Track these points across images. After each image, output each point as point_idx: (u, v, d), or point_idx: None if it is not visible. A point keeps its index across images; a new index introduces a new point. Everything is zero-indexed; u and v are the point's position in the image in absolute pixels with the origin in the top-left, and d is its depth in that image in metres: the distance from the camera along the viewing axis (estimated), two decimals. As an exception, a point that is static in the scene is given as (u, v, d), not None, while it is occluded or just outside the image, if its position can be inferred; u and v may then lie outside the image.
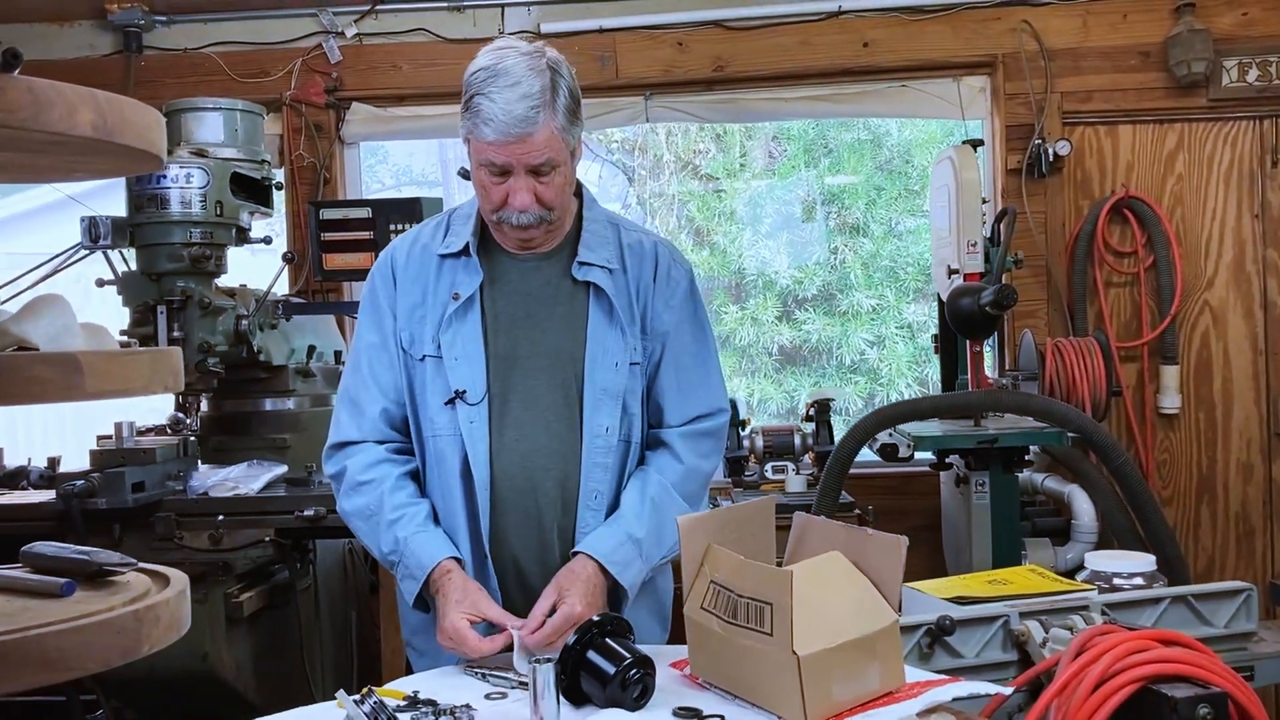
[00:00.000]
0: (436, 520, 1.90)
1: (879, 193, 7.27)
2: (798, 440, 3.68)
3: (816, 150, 7.41)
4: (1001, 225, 3.32)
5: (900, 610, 1.59)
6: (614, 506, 1.94)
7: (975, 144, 3.39)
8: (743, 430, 3.71)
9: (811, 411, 3.70)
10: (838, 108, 4.03)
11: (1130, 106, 3.88)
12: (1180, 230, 3.92)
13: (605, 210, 2.02)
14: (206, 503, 2.84)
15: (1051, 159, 3.76)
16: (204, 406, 3.32)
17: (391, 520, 1.84)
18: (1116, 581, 2.22)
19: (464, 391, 1.85)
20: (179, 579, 0.92)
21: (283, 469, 3.03)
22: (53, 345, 0.79)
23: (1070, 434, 3.07)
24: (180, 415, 3.25)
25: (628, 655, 1.59)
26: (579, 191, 1.99)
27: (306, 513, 2.79)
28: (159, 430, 3.34)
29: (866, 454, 3.50)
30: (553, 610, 1.77)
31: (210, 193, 2.92)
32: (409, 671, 1.99)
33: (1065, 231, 3.91)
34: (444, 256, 1.91)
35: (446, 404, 1.86)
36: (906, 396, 7.22)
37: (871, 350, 7.25)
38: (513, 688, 1.68)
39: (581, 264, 1.92)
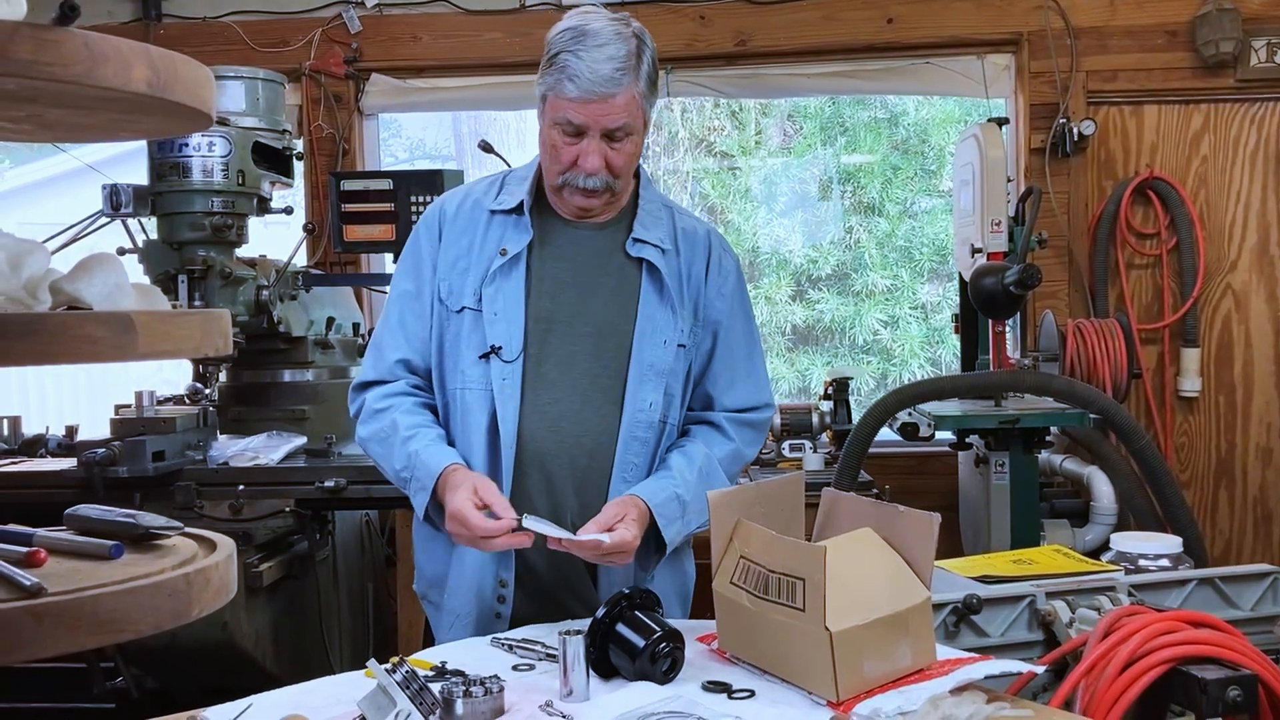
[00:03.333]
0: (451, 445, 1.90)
1: (895, 172, 7.23)
2: (815, 419, 3.67)
3: (833, 129, 7.36)
4: (1026, 204, 3.29)
5: (931, 588, 1.58)
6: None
7: (1000, 122, 3.36)
8: (760, 408, 3.69)
9: (830, 390, 3.69)
10: (860, 84, 4.00)
11: (1156, 86, 3.84)
12: (1204, 212, 3.89)
13: (660, 194, 2.02)
14: (227, 472, 2.84)
15: (1076, 139, 3.72)
16: (222, 377, 3.32)
17: (405, 438, 1.83)
18: (1142, 563, 2.21)
19: (500, 347, 1.84)
20: (225, 544, 0.91)
21: (302, 440, 3.03)
22: (105, 304, 0.78)
23: (1092, 415, 3.05)
24: (199, 385, 3.25)
25: (657, 629, 1.58)
26: (636, 171, 1.97)
27: (327, 484, 2.79)
28: (177, 400, 3.34)
29: (883, 433, 3.49)
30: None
31: (232, 162, 2.91)
32: (427, 625, 2.02)
33: (1088, 212, 3.88)
34: (495, 213, 1.89)
35: (481, 358, 1.85)
36: (919, 377, 7.21)
37: (885, 330, 7.23)
38: (540, 659, 1.68)
39: (637, 240, 1.91)
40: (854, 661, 1.47)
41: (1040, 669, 1.56)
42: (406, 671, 1.44)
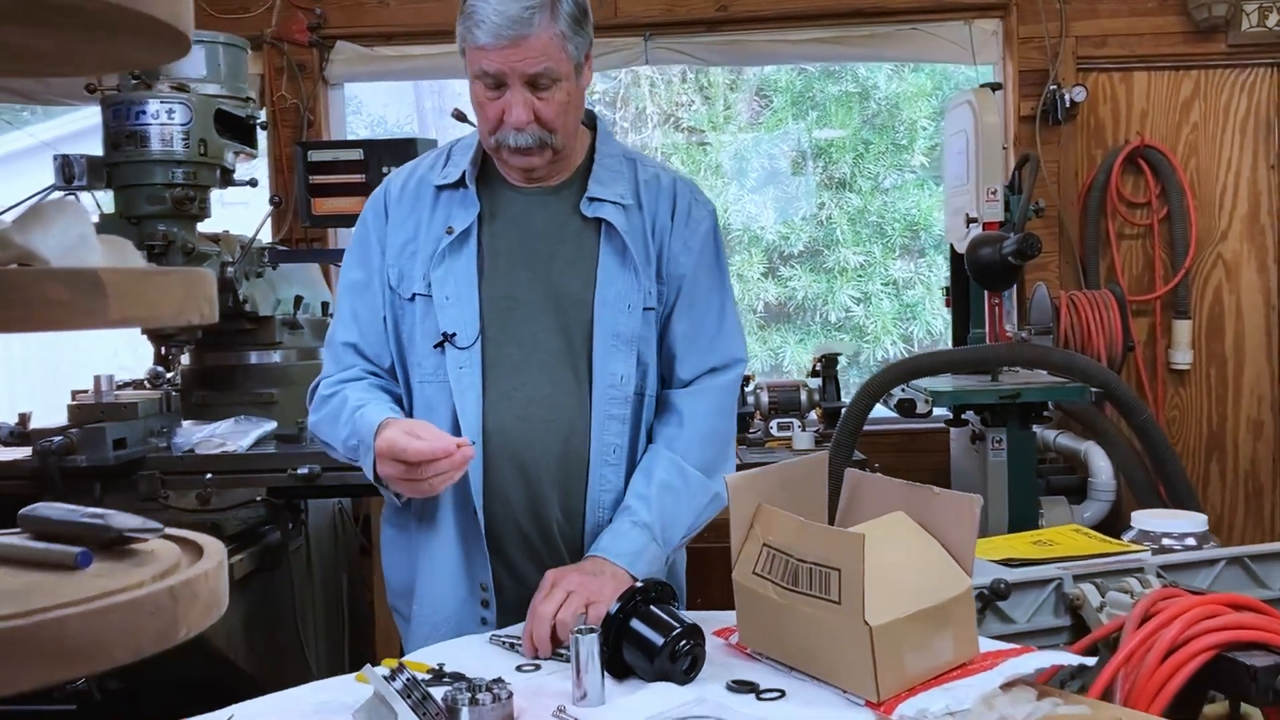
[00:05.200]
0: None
1: (866, 147, 7.15)
2: (804, 396, 3.55)
3: (804, 103, 7.26)
4: (1022, 172, 3.19)
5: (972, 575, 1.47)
6: (633, 465, 1.80)
7: (994, 87, 3.25)
8: (747, 386, 3.58)
9: (818, 367, 3.58)
10: (844, 50, 3.88)
11: (1147, 51, 3.75)
12: (1195, 181, 3.81)
13: (622, 145, 1.86)
14: (194, 460, 2.68)
15: (1068, 106, 3.62)
16: (185, 360, 3.14)
17: (354, 409, 1.69)
18: (1166, 542, 2.11)
19: (453, 334, 1.70)
20: (214, 548, 0.77)
21: (271, 425, 2.87)
22: (67, 260, 0.63)
23: (1093, 390, 2.96)
24: (160, 369, 3.08)
25: (676, 624, 1.46)
26: (593, 123, 1.83)
27: (300, 471, 2.63)
28: (137, 385, 3.17)
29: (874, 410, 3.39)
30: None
31: (193, 130, 2.73)
32: (400, 638, 1.87)
33: (1078, 181, 3.79)
34: (440, 188, 1.75)
35: (435, 347, 1.71)
36: (892, 354, 7.14)
37: (857, 307, 7.15)
38: (547, 658, 1.55)
39: (591, 199, 1.76)
40: (895, 658, 1.35)
41: (1091, 661, 1.45)
42: (407, 679, 1.30)
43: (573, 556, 1.76)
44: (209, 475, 2.64)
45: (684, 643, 1.44)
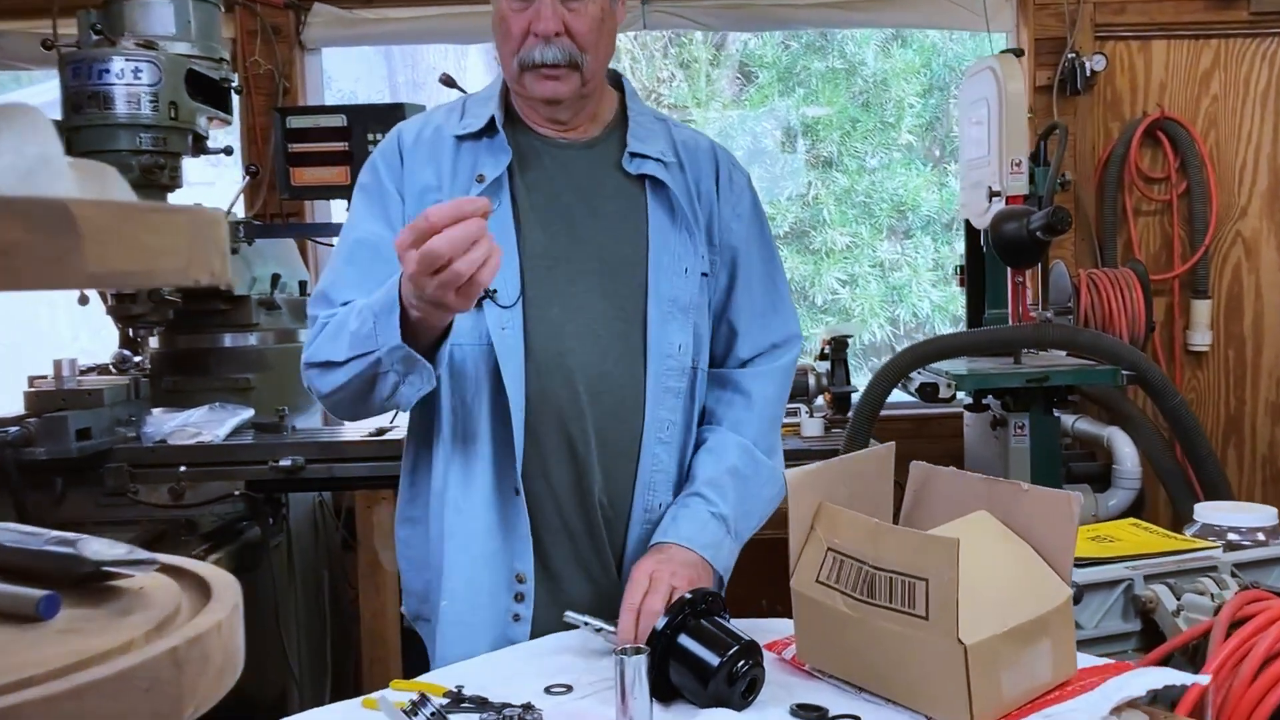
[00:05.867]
0: None
1: (854, 125, 6.99)
2: (812, 380, 3.37)
3: (789, 79, 7.10)
4: (1048, 142, 3.03)
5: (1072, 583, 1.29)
6: (685, 446, 1.64)
7: (1016, 53, 3.07)
8: (750, 369, 3.40)
9: (827, 349, 3.40)
10: (854, 15, 3.68)
11: (1167, 19, 3.58)
12: (1214, 155, 3.66)
13: (650, 106, 1.72)
14: (166, 452, 2.47)
15: (1088, 75, 3.45)
16: (154, 342, 2.92)
17: (362, 305, 1.44)
18: (1232, 538, 1.96)
19: (494, 291, 1.51)
20: (226, 586, 0.57)
21: (249, 413, 2.66)
22: (23, 188, 0.43)
23: (1124, 372, 2.80)
24: (127, 353, 2.85)
25: (732, 641, 1.28)
26: (619, 83, 1.69)
27: (282, 463, 2.43)
28: (102, 370, 2.94)
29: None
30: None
31: (162, 92, 2.50)
32: (405, 647, 1.69)
33: (1094, 155, 3.63)
34: (462, 139, 1.58)
35: (475, 306, 1.49)
36: (879, 338, 7.00)
37: (844, 290, 7.01)
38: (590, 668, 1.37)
39: (634, 155, 1.60)
40: (990, 679, 1.18)
41: (1204, 679, 1.28)
42: (432, 713, 1.11)
43: (614, 548, 1.59)
44: (182, 468, 2.43)
45: (742, 663, 1.26)
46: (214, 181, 4.09)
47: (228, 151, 2.73)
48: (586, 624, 1.41)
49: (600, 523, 1.59)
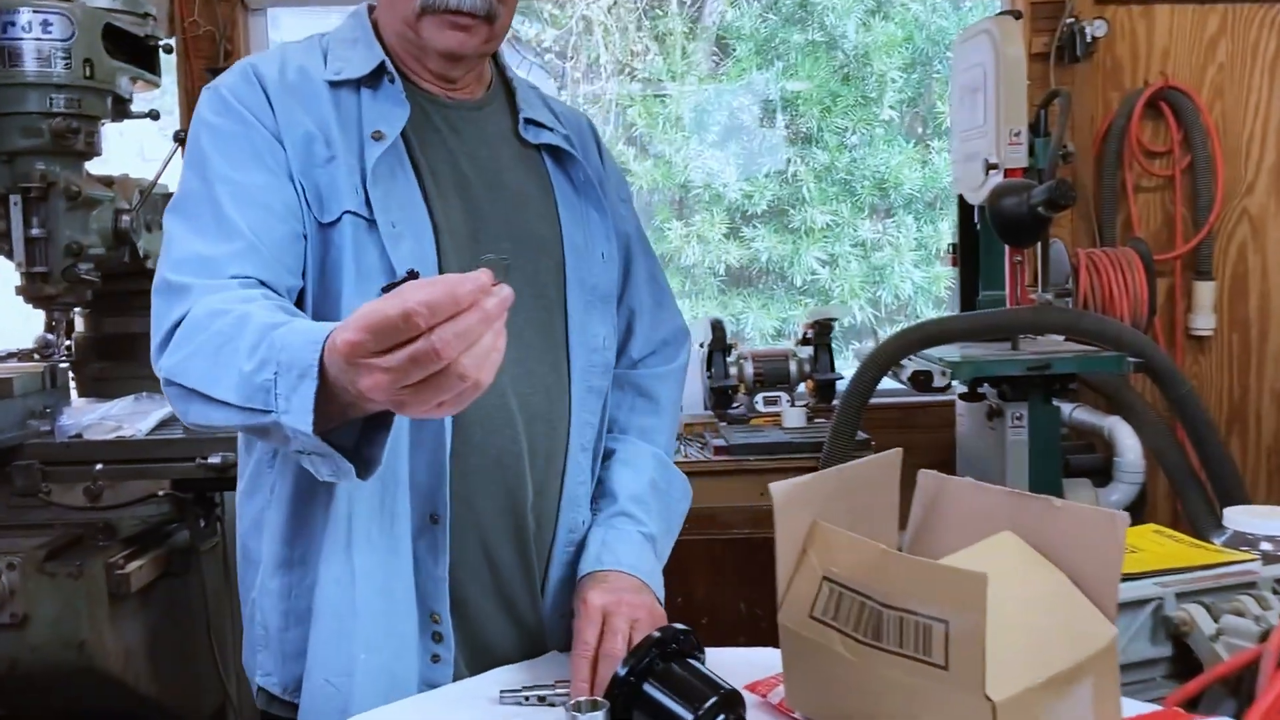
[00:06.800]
0: None
1: (834, 100, 6.77)
2: (793, 367, 3.16)
3: (767, 52, 6.88)
4: (1048, 111, 2.81)
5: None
6: (599, 453, 1.44)
7: (1014, 15, 2.85)
8: (729, 356, 3.18)
9: (809, 334, 3.19)
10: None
11: (1171, -19, 3.39)
12: (1220, 128, 3.45)
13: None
14: (82, 447, 2.22)
15: (1088, 41, 3.24)
16: (78, 326, 2.67)
17: (265, 325, 1.06)
18: (1265, 547, 1.75)
19: (417, 273, 1.23)
20: None
21: (179, 403, 2.41)
22: None
23: (1130, 359, 2.60)
24: (50, 337, 2.60)
25: (709, 690, 1.06)
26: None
27: (213, 460, 2.19)
28: (24, 356, 2.69)
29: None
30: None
31: (75, 48, 2.24)
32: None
33: (1093, 126, 3.42)
34: (336, 85, 1.30)
35: (384, 290, 1.22)
36: (860, 321, 6.80)
37: (823, 270, 6.81)
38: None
39: (529, 121, 1.40)
40: (1023, 742, 0.97)
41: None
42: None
43: (541, 579, 1.37)
44: (99, 465, 2.18)
45: (721, 717, 1.05)
46: (140, 154, 3.84)
47: (153, 116, 2.48)
48: (527, 699, 1.18)
49: (531, 546, 1.35)
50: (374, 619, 1.25)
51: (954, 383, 2.67)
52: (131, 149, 3.62)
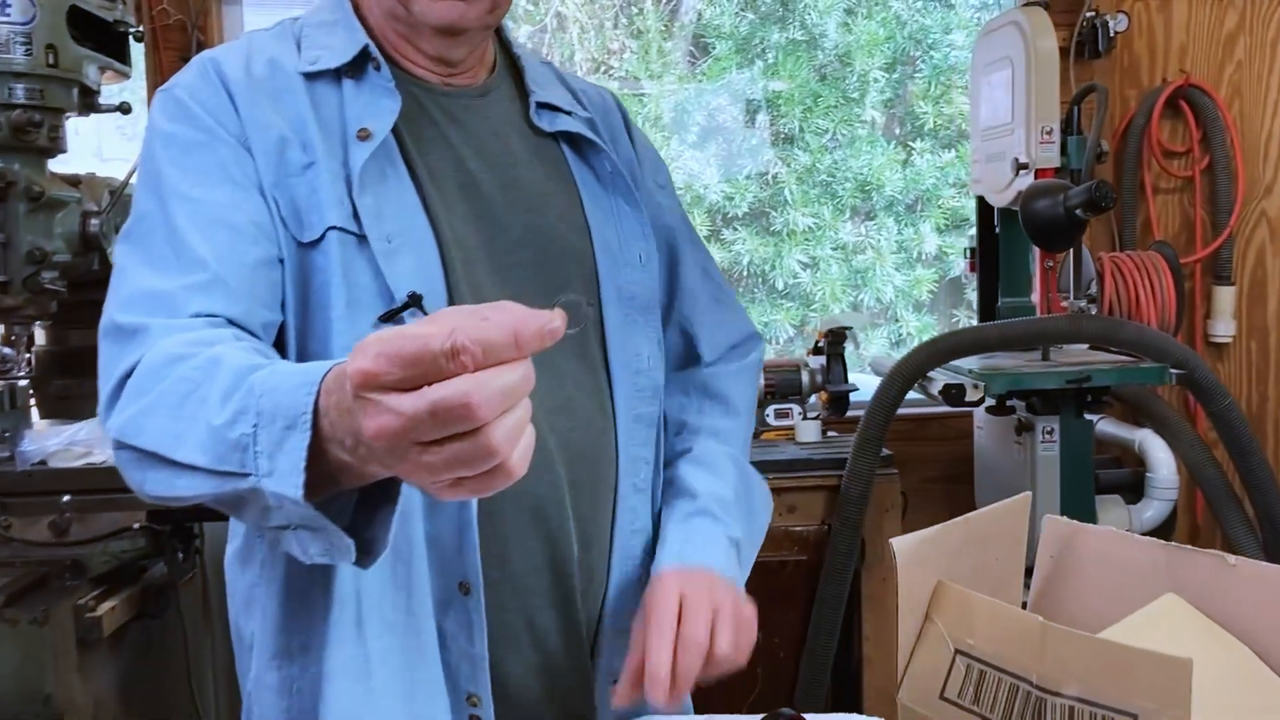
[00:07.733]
0: None
1: (816, 100, 6.64)
2: (805, 378, 3.00)
3: (747, 51, 6.74)
4: (1082, 107, 2.67)
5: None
6: (656, 496, 1.25)
7: (1043, 4, 2.70)
8: (736, 365, 3.01)
9: (822, 343, 3.02)
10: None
11: (1190, -25, 3.26)
12: (1239, 127, 3.33)
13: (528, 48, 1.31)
14: (45, 477, 2.01)
15: (1110, 36, 3.10)
16: (39, 339, 2.45)
17: (241, 369, 0.88)
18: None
19: (420, 297, 1.04)
20: None
21: (153, 424, 2.21)
22: None
23: (1172, 371, 2.46)
24: (9, 352, 2.37)
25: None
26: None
27: (192, 489, 1.98)
28: (-21, 371, 2.46)
29: (864, 393, 2.90)
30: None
31: (37, 34, 2.02)
32: None
33: (1113, 125, 3.28)
34: (312, 77, 1.11)
35: (384, 319, 1.05)
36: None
37: (805, 273, 6.67)
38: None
39: (542, 106, 1.21)
40: None
41: None
42: None
43: (590, 646, 1.17)
44: (66, 496, 1.96)
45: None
46: (101, 156, 3.63)
47: (124, 109, 2.27)
48: None
49: (579, 611, 1.16)
50: (395, 709, 1.07)
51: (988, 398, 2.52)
52: (89, 147, 3.40)
